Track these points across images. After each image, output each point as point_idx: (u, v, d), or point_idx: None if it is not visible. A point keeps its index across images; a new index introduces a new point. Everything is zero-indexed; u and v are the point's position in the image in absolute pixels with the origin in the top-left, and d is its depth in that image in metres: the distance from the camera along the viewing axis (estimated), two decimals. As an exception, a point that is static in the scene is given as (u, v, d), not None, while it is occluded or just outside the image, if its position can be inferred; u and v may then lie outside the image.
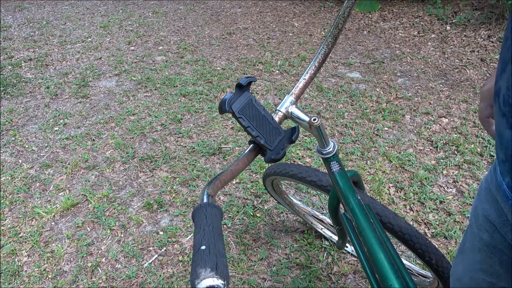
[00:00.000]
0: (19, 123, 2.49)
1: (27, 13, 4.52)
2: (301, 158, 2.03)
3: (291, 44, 3.35)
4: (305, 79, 0.81)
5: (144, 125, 2.38)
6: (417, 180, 1.84)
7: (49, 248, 1.66)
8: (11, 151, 2.23)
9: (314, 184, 1.15)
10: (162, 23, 3.98)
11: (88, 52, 3.44)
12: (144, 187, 1.93)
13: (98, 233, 1.71)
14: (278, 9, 4.16)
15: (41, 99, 2.75)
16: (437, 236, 1.58)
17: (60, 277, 1.54)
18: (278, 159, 0.71)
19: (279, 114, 0.79)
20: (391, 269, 0.72)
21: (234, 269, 1.52)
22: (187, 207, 1.80)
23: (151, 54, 3.32)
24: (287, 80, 2.79)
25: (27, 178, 2.02)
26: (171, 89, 2.75)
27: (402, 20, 3.62)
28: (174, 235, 1.67)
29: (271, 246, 1.60)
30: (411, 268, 1.36)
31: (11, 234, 1.72)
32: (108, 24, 4.04)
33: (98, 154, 2.17)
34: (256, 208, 1.78)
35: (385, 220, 1.04)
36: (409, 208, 1.71)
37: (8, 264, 1.58)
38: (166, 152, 2.14)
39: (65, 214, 1.81)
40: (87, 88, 2.86)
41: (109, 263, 1.58)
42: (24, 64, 3.28)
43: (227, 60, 3.15)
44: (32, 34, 3.88)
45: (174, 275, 1.51)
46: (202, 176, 1.96)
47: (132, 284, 1.49)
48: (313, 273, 1.48)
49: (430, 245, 1.04)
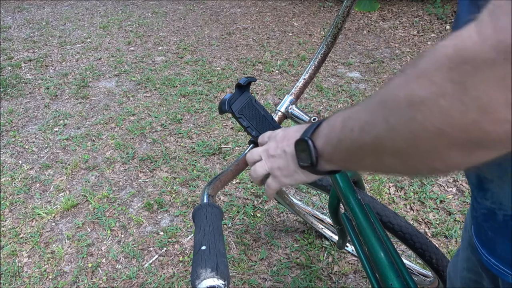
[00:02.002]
0: (19, 124, 2.49)
1: (27, 14, 4.52)
2: (301, 158, 2.03)
3: (290, 44, 3.35)
4: (304, 79, 0.81)
5: (144, 126, 2.38)
6: (417, 179, 1.84)
7: (49, 248, 1.66)
8: (11, 152, 2.23)
9: (314, 184, 1.15)
10: (162, 24, 3.98)
11: (88, 52, 3.44)
12: (144, 187, 1.93)
13: (98, 233, 1.71)
14: (278, 9, 4.16)
15: (41, 100, 2.75)
16: (438, 235, 1.58)
17: (60, 278, 1.54)
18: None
19: (279, 114, 0.79)
20: (391, 269, 0.72)
21: (234, 269, 1.52)
22: (187, 207, 1.80)
23: (151, 55, 3.32)
24: (286, 80, 2.79)
25: (27, 179, 2.02)
26: (171, 90, 2.75)
27: (401, 20, 3.62)
28: (174, 235, 1.67)
29: (271, 246, 1.60)
30: (411, 267, 1.35)
31: (11, 235, 1.72)
32: (107, 24, 4.04)
33: (98, 155, 2.17)
34: (256, 208, 1.78)
35: (385, 220, 1.04)
36: (410, 208, 1.71)
37: (8, 265, 1.58)
38: (166, 152, 2.14)
39: (65, 214, 1.81)
40: (87, 88, 2.86)
41: (110, 263, 1.58)
42: (23, 65, 3.28)
43: (226, 60, 3.15)
44: (31, 35, 3.88)
45: (175, 276, 1.51)
46: (202, 176, 1.96)
47: (133, 284, 1.49)
48: (314, 273, 1.48)
49: (430, 244, 1.04)
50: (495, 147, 0.28)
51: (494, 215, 0.46)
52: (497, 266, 0.47)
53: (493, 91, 0.25)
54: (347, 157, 0.42)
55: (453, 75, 0.27)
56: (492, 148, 0.28)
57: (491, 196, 0.46)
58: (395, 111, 0.32)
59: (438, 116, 0.28)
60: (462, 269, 0.64)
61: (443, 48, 0.28)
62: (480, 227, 0.50)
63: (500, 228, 0.46)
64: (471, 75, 0.26)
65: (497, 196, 0.45)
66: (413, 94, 0.30)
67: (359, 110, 0.39)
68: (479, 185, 0.48)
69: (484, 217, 0.48)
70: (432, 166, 0.33)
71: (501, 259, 0.47)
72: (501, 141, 0.27)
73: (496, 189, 0.45)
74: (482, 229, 0.49)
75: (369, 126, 0.36)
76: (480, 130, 0.27)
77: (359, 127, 0.38)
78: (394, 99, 0.33)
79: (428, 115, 0.29)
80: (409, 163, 0.35)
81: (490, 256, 0.48)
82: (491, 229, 0.48)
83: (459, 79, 0.27)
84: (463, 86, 0.26)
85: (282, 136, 0.54)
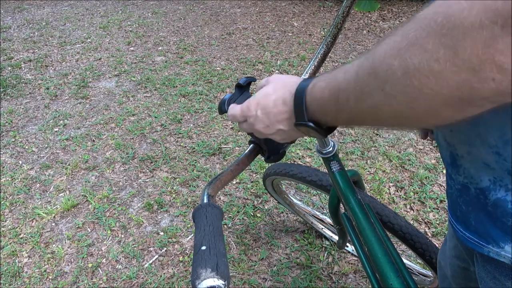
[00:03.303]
0: (19, 124, 2.49)
1: (27, 14, 4.52)
2: (301, 158, 2.03)
3: (290, 44, 3.35)
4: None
5: (144, 126, 2.38)
6: (417, 179, 1.84)
7: (49, 249, 1.66)
8: (11, 152, 2.23)
9: (314, 184, 1.15)
10: (162, 24, 3.98)
11: (88, 53, 3.44)
12: (144, 187, 1.93)
13: (98, 233, 1.71)
14: (278, 9, 4.16)
15: (41, 100, 2.75)
16: (438, 235, 1.58)
17: (60, 278, 1.54)
18: (278, 159, 0.71)
19: (279, 114, 0.79)
20: (391, 269, 0.72)
21: (234, 269, 1.52)
22: (187, 207, 1.80)
23: (151, 55, 3.32)
24: (286, 80, 2.78)
25: (27, 179, 2.02)
26: (171, 90, 2.75)
27: (401, 20, 3.62)
28: (174, 235, 1.67)
29: (271, 246, 1.60)
30: (411, 267, 1.36)
31: (11, 235, 1.72)
32: (107, 24, 4.04)
33: (98, 155, 2.17)
34: (257, 208, 1.78)
35: (385, 220, 1.04)
36: (410, 208, 1.72)
37: (8, 265, 1.59)
38: (166, 152, 2.14)
39: (65, 215, 1.81)
40: (86, 89, 2.86)
41: (110, 263, 1.58)
42: (23, 65, 3.28)
43: (226, 60, 3.15)
44: (31, 35, 3.88)
45: (175, 276, 1.51)
46: (202, 176, 1.96)
47: (133, 284, 1.49)
48: (314, 272, 1.48)
49: (430, 244, 1.04)
50: (483, 104, 0.31)
51: (467, 190, 0.49)
52: (472, 240, 0.50)
53: (481, 52, 0.27)
54: (347, 122, 0.46)
55: (445, 41, 0.29)
56: (480, 105, 0.31)
57: (463, 172, 0.50)
58: (390, 79, 0.34)
59: (433, 79, 0.31)
60: (450, 256, 0.67)
61: (433, 15, 0.30)
62: (455, 203, 0.53)
63: (472, 201, 0.49)
64: (461, 39, 0.28)
65: (468, 171, 0.48)
66: (408, 62, 0.32)
67: (348, 80, 0.41)
68: (453, 163, 0.51)
69: (459, 192, 0.51)
70: (428, 122, 0.36)
71: (475, 231, 0.49)
72: (488, 98, 0.30)
73: (467, 164, 0.48)
74: (456, 204, 0.53)
75: (365, 95, 0.38)
76: (471, 88, 0.29)
77: (355, 98, 0.40)
78: (387, 68, 0.34)
79: (423, 80, 0.31)
80: (407, 121, 0.38)
81: (465, 231, 0.51)
82: (465, 203, 0.50)
83: (451, 43, 0.29)
84: (454, 49, 0.29)
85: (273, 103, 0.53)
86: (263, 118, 0.54)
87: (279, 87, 0.53)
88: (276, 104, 0.52)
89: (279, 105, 0.52)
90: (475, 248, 0.50)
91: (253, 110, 0.55)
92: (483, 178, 0.46)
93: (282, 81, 0.54)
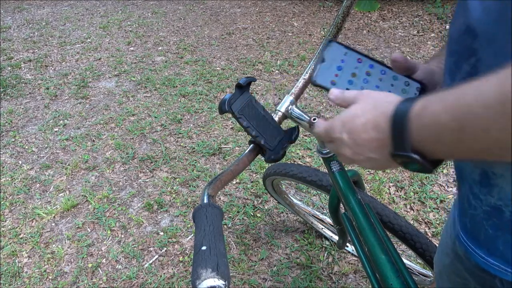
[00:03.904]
0: (19, 124, 2.49)
1: (27, 14, 4.52)
2: (301, 158, 2.03)
3: (290, 44, 3.35)
4: (304, 79, 0.81)
5: (144, 126, 2.38)
6: (418, 179, 1.84)
7: (49, 249, 1.66)
8: (11, 152, 2.23)
9: (314, 184, 1.15)
10: (162, 24, 3.98)
11: (88, 52, 3.44)
12: (144, 187, 1.93)
13: (98, 233, 1.71)
14: (278, 9, 4.16)
15: (40, 100, 2.75)
16: (438, 235, 1.58)
17: (60, 278, 1.54)
18: (278, 159, 0.71)
19: (279, 114, 0.79)
20: (391, 269, 0.72)
21: (234, 269, 1.52)
22: (187, 207, 1.80)
23: (151, 55, 3.32)
24: (286, 80, 2.79)
25: (27, 179, 2.02)
26: (171, 90, 2.75)
27: (401, 20, 3.62)
28: (174, 235, 1.67)
29: (271, 246, 1.60)
30: (411, 267, 1.36)
31: (11, 235, 1.72)
32: (107, 24, 4.04)
33: (98, 155, 2.17)
34: (257, 208, 1.78)
35: (385, 220, 1.04)
36: (410, 208, 1.72)
37: (8, 265, 1.58)
38: (166, 152, 2.14)
39: (65, 215, 1.81)
40: (86, 89, 2.86)
41: (110, 263, 1.58)
42: (23, 65, 3.28)
43: (226, 60, 3.15)
44: (31, 35, 3.88)
45: (175, 276, 1.51)
46: (202, 176, 1.96)
47: (133, 284, 1.49)
48: (314, 273, 1.48)
49: (430, 244, 1.04)
50: None
51: (500, 212, 0.44)
52: (495, 266, 0.46)
53: None
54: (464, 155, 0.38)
55: None
56: None
57: (498, 192, 0.43)
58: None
59: None
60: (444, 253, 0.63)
61: None
62: (479, 226, 0.47)
63: (504, 225, 0.44)
64: None
65: (504, 191, 0.42)
66: None
67: (487, 105, 0.33)
68: (484, 181, 0.45)
69: (486, 214, 0.46)
70: None
71: (502, 257, 0.45)
72: None
73: (505, 184, 0.42)
74: (481, 228, 0.47)
75: (491, 126, 0.32)
76: None
77: (500, 128, 0.32)
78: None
79: None
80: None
81: (488, 257, 0.47)
82: (494, 227, 0.45)
83: None
84: None
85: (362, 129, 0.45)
86: (349, 143, 0.46)
87: (369, 108, 0.45)
88: (366, 129, 0.44)
89: (370, 130, 0.44)
90: (498, 274, 0.45)
91: (337, 132, 0.48)
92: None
93: (374, 100, 0.46)
